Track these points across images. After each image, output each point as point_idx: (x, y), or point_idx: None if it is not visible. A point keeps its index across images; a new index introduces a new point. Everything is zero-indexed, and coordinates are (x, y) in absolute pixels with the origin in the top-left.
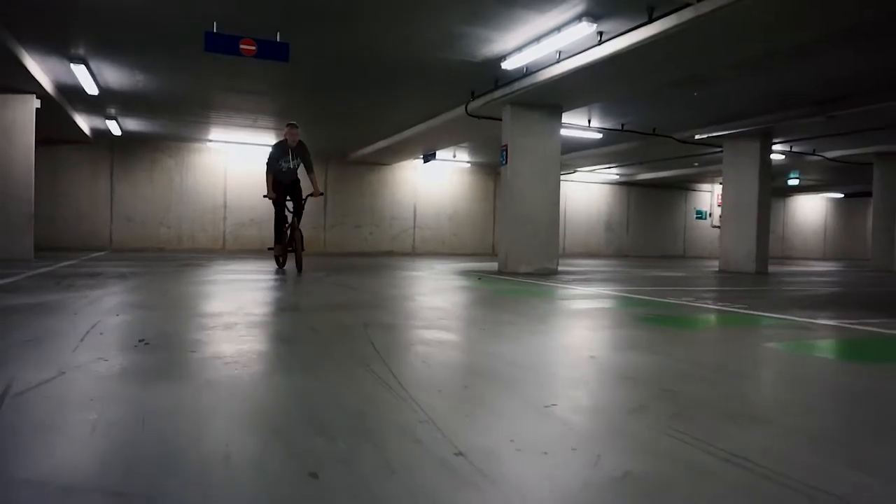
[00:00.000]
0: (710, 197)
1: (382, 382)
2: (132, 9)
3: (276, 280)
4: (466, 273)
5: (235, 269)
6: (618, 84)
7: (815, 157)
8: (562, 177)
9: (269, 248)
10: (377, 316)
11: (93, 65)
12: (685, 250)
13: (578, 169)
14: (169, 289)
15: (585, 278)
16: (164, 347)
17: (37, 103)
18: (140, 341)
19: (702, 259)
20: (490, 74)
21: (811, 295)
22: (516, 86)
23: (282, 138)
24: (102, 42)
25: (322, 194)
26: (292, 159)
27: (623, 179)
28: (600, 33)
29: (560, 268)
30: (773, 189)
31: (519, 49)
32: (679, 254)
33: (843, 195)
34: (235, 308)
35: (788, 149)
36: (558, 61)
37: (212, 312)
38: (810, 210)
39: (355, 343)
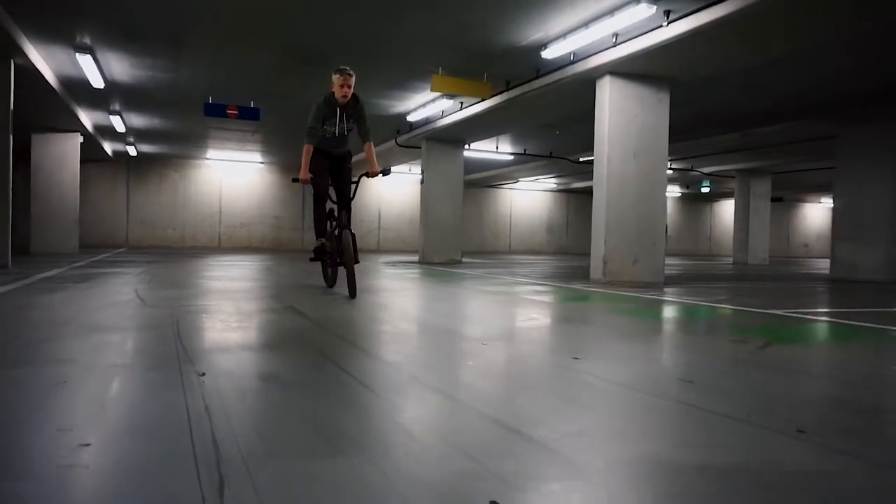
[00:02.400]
0: None
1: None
2: (154, 89)
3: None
4: (398, 263)
5: (228, 259)
6: (496, 128)
7: (694, 172)
8: (506, 186)
9: (311, 258)
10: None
11: (124, 115)
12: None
13: (521, 179)
14: (188, 265)
15: (478, 265)
16: (186, 285)
17: (80, 139)
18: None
19: None
20: (406, 121)
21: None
22: (427, 128)
23: (328, 92)
24: (132, 104)
25: (383, 173)
26: (340, 122)
27: (561, 187)
28: (462, 103)
29: (469, 259)
30: (696, 196)
31: (416, 108)
32: None
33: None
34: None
35: (671, 167)
36: (452, 113)
37: (210, 277)
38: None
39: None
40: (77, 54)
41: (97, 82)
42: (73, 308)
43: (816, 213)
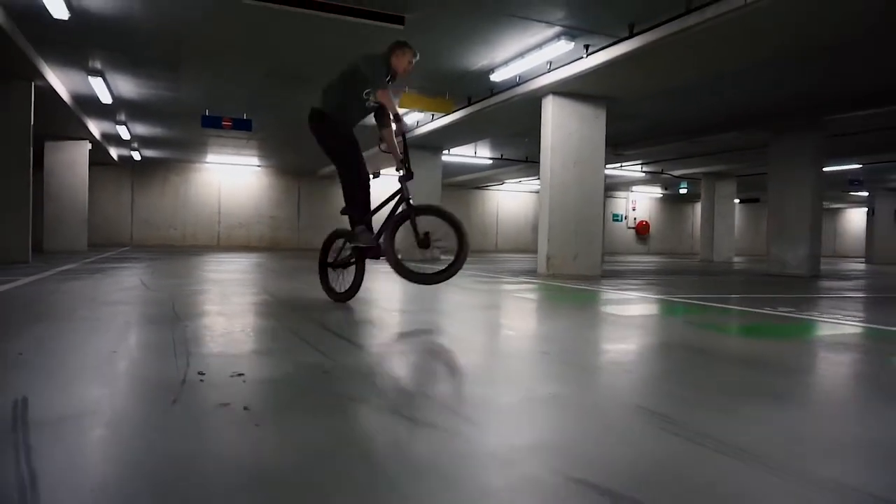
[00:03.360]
0: (625, 203)
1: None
2: (157, 103)
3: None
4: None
5: (224, 256)
6: (468, 137)
7: (664, 175)
8: (493, 187)
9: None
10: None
11: (129, 125)
12: (603, 247)
13: (506, 181)
14: (186, 261)
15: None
16: (192, 273)
17: (89, 146)
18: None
19: (616, 254)
20: None
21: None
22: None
23: (384, 57)
24: (136, 115)
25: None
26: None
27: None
28: (433, 116)
29: (450, 257)
30: (678, 197)
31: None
32: None
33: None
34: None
35: (641, 170)
36: (427, 123)
37: (204, 271)
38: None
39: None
40: (89, 77)
41: (106, 99)
42: (92, 291)
43: None
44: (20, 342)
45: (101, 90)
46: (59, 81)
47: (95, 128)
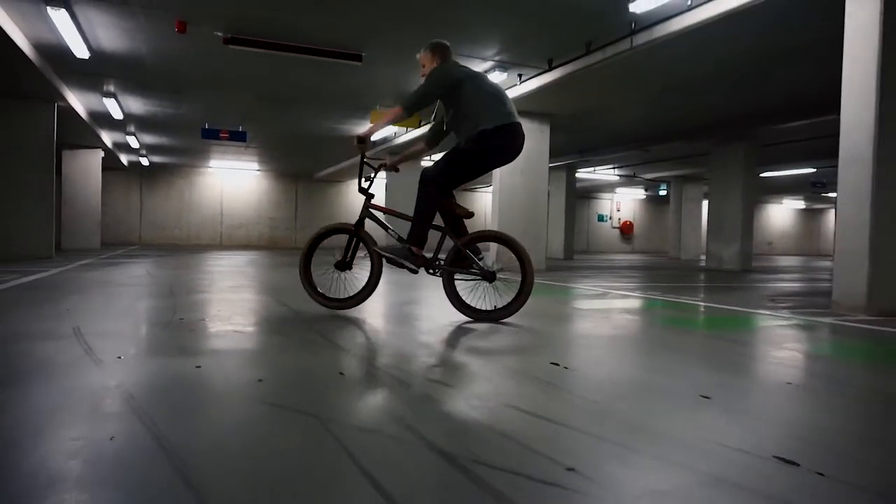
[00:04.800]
0: (610, 204)
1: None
2: (163, 118)
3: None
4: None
5: (224, 254)
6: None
7: (636, 178)
8: (481, 189)
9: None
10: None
11: (138, 135)
12: (588, 246)
13: (462, 188)
14: (188, 257)
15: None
16: (191, 266)
17: (102, 154)
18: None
19: (601, 252)
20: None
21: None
22: (387, 145)
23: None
24: (144, 128)
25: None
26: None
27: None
28: (407, 129)
29: (428, 253)
30: (661, 198)
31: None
32: (583, 248)
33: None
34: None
35: (615, 174)
36: (403, 134)
37: (202, 266)
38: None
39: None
40: (104, 98)
41: (117, 115)
42: (108, 277)
43: (780, 214)
44: (66, 304)
45: (113, 108)
46: (78, 101)
47: (108, 138)
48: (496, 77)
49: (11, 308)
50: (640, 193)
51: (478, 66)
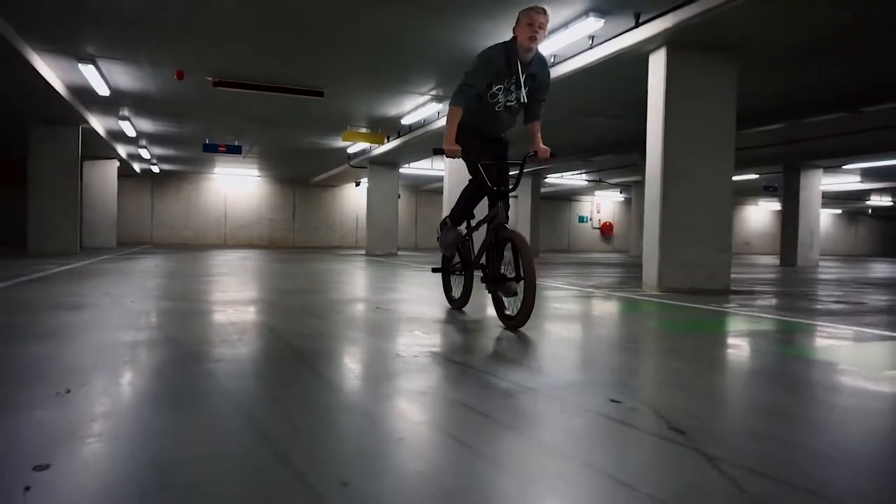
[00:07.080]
0: (590, 206)
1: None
2: (170, 134)
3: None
4: (357, 256)
5: (226, 252)
6: (413, 156)
7: (603, 183)
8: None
9: (436, 268)
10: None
11: (149, 147)
12: (570, 245)
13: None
14: (187, 257)
15: (405, 257)
16: (184, 262)
17: (117, 163)
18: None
19: (581, 251)
20: (347, 153)
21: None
22: (368, 155)
23: (509, 38)
24: (154, 141)
25: (552, 156)
26: (516, 88)
27: (515, 193)
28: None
29: (403, 253)
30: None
31: (350, 146)
32: (565, 248)
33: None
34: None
35: (584, 178)
36: (381, 147)
37: (202, 261)
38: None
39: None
40: (120, 121)
41: (131, 133)
42: (125, 268)
43: (757, 215)
44: (96, 281)
45: (127, 128)
46: (98, 123)
47: (122, 150)
48: (430, 107)
49: (64, 282)
50: (619, 196)
51: (420, 98)
